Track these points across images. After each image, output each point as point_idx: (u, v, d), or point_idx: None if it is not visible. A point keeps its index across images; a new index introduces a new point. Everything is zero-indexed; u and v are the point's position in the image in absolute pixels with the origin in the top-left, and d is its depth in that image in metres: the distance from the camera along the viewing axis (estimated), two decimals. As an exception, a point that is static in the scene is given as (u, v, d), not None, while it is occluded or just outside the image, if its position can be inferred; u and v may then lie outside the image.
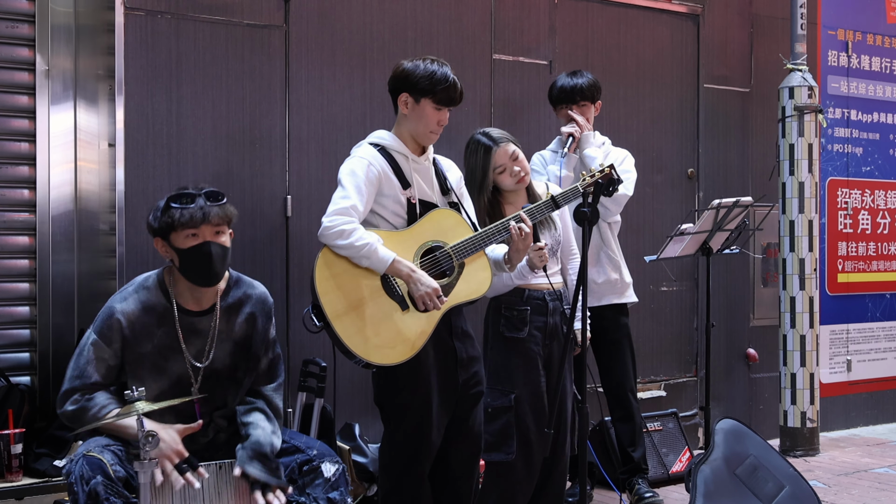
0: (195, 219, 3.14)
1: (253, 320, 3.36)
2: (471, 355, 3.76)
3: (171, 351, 3.22)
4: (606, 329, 4.81)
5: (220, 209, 3.20)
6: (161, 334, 3.21)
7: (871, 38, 6.90)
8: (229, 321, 3.32)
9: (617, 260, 4.83)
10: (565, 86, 4.79)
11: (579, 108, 4.77)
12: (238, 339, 3.33)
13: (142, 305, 3.20)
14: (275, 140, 4.71)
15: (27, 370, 4.28)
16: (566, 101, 4.78)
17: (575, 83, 4.78)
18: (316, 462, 3.23)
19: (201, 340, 3.27)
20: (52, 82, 4.27)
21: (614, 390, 4.87)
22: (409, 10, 5.09)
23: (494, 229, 3.69)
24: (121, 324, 3.16)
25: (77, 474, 2.92)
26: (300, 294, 4.67)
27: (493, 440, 3.90)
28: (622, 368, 4.84)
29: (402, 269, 3.52)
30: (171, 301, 3.24)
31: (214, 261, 3.18)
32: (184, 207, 3.14)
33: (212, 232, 3.18)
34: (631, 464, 4.85)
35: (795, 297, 6.04)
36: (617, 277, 4.81)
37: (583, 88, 4.77)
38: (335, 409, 4.47)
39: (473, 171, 4.01)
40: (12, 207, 4.25)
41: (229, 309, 3.33)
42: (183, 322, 3.24)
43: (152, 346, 3.20)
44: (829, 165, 6.67)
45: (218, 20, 4.56)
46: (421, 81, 3.62)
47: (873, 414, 6.93)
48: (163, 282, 3.27)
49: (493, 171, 3.97)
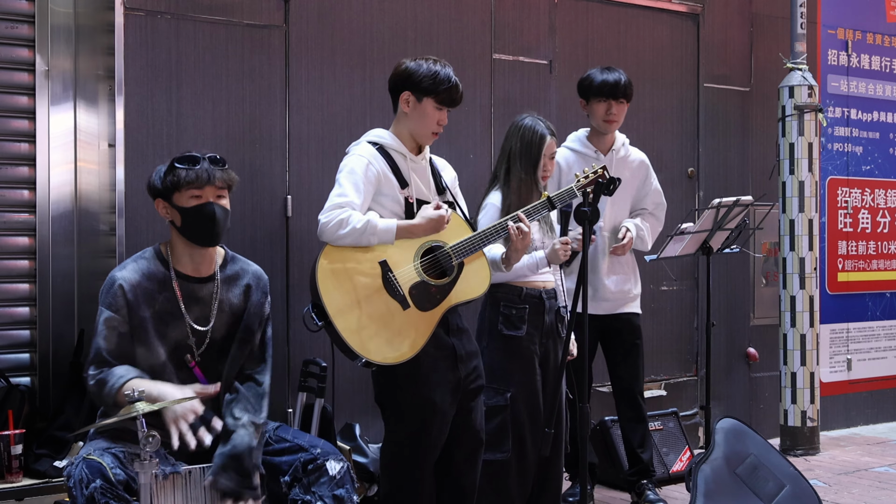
0: (200, 179, 3.21)
1: (249, 292, 3.39)
2: (469, 350, 3.77)
3: (171, 316, 3.25)
4: (620, 331, 4.80)
5: (223, 172, 3.28)
6: (162, 300, 3.25)
7: (871, 38, 6.90)
8: (229, 291, 3.35)
9: (636, 269, 4.86)
10: (608, 79, 4.67)
11: (618, 104, 4.68)
12: (235, 311, 3.35)
13: (141, 273, 3.25)
14: (275, 140, 4.71)
15: (27, 371, 4.27)
16: (608, 95, 4.65)
17: (619, 78, 4.67)
18: (321, 460, 3.23)
19: (201, 307, 3.30)
20: (52, 83, 4.26)
21: (626, 392, 4.83)
22: (408, 10, 5.09)
23: (493, 229, 3.71)
24: (123, 289, 3.20)
25: (76, 478, 2.92)
26: (301, 294, 4.67)
27: (489, 439, 3.90)
28: (635, 371, 4.82)
29: (409, 227, 3.58)
30: (170, 268, 3.27)
31: (217, 220, 3.25)
32: (189, 168, 3.22)
33: (214, 193, 3.26)
34: (640, 465, 4.83)
35: (796, 297, 6.04)
36: (632, 287, 4.81)
37: (626, 86, 4.68)
38: (335, 410, 4.48)
39: (529, 147, 4.08)
40: (12, 208, 4.24)
41: (228, 279, 3.37)
42: (184, 288, 3.28)
43: (153, 312, 3.23)
44: (829, 164, 6.67)
45: (218, 20, 4.56)
46: (424, 81, 3.63)
47: (873, 413, 6.94)
48: (160, 252, 3.32)
49: (543, 155, 4.07)
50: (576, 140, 4.84)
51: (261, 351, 3.43)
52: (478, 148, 5.26)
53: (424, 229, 3.61)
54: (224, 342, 3.33)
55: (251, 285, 3.40)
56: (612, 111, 4.67)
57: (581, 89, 4.78)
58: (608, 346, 4.84)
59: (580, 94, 4.80)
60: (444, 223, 3.63)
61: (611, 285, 4.72)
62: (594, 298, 4.61)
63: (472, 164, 5.22)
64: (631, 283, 4.81)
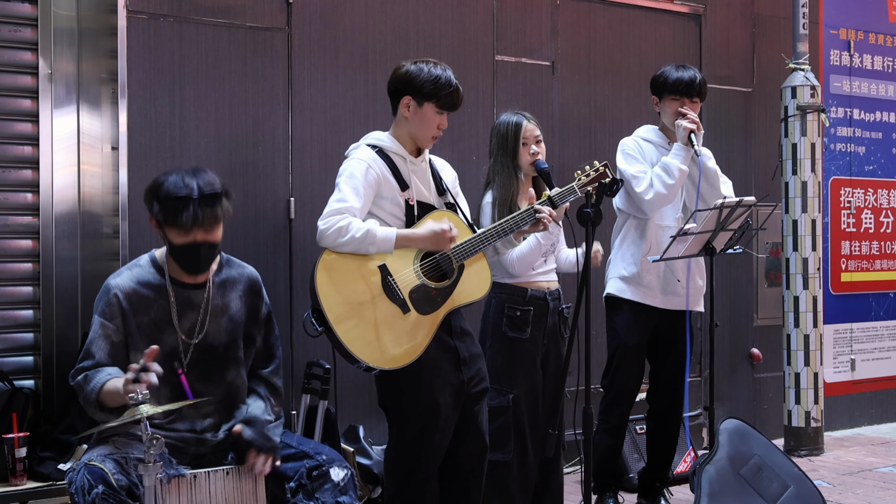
0: (186, 225, 3.12)
1: (244, 297, 3.38)
2: (472, 353, 3.76)
3: (165, 323, 3.25)
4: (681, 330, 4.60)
5: (213, 212, 3.15)
6: (157, 307, 3.24)
7: (874, 38, 6.90)
8: (224, 296, 3.34)
9: (701, 266, 4.71)
10: (683, 77, 4.56)
11: (692, 103, 4.57)
12: (233, 315, 3.34)
13: (136, 281, 3.24)
14: (278, 142, 4.71)
15: (31, 374, 4.28)
16: (683, 94, 4.55)
17: (693, 76, 4.57)
18: (325, 467, 3.23)
19: (195, 313, 3.29)
20: (55, 86, 4.27)
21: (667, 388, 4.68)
22: (411, 12, 5.10)
23: (493, 231, 3.69)
24: (118, 298, 3.19)
25: (78, 484, 2.92)
26: (304, 296, 4.66)
27: (491, 440, 3.91)
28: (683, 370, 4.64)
29: (409, 236, 3.56)
30: (165, 276, 3.26)
31: (202, 259, 3.21)
32: (177, 211, 3.10)
33: (203, 233, 3.17)
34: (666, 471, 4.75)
35: (799, 297, 6.03)
36: (702, 284, 4.69)
37: (701, 84, 4.59)
38: (339, 412, 4.48)
39: (505, 137, 4.11)
40: (16, 211, 4.25)
41: (223, 284, 3.35)
42: (179, 295, 3.26)
43: (149, 319, 3.23)
44: (831, 165, 6.67)
45: (220, 23, 4.56)
46: (425, 85, 3.60)
47: (877, 413, 6.93)
48: (155, 260, 3.31)
49: (521, 141, 4.08)
50: (649, 130, 4.71)
51: (269, 350, 3.45)
52: (480, 150, 5.26)
53: (425, 240, 3.58)
54: (224, 347, 3.33)
55: (246, 291, 3.39)
56: (686, 109, 4.56)
57: (655, 87, 4.68)
58: (662, 343, 4.64)
59: (653, 91, 4.69)
60: (447, 241, 3.59)
61: (683, 280, 4.59)
62: (664, 292, 4.55)
63: (474, 165, 5.22)
64: (700, 280, 4.68)
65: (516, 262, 4.01)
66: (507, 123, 4.14)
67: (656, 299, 4.58)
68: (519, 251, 3.99)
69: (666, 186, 4.44)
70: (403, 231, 3.57)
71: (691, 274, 4.63)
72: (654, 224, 4.57)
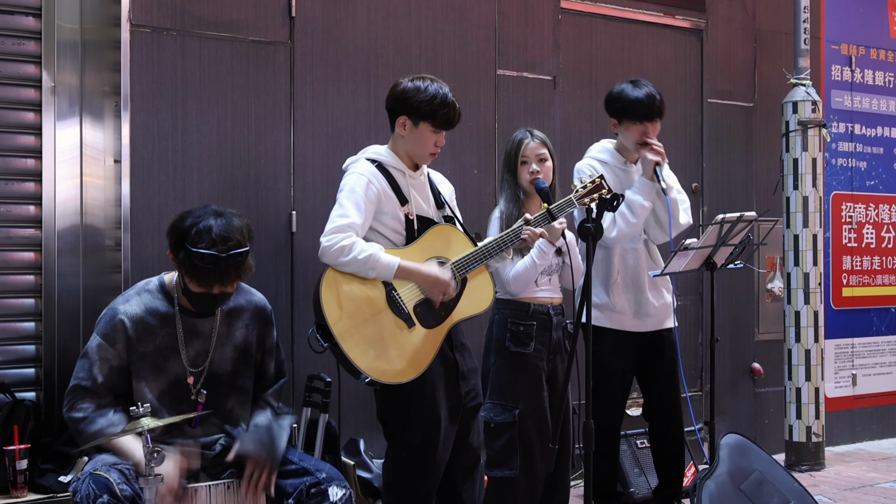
0: (207, 283, 3.13)
1: (253, 327, 3.39)
2: (470, 367, 3.78)
3: (171, 352, 3.26)
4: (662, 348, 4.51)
5: (237, 273, 3.17)
6: (163, 335, 3.25)
7: (875, 53, 6.92)
8: (230, 325, 3.35)
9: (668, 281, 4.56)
10: (642, 98, 4.27)
11: (653, 125, 4.33)
12: (239, 345, 3.35)
13: (145, 308, 3.24)
14: (280, 156, 4.72)
15: (32, 386, 4.28)
16: (644, 117, 4.28)
17: (653, 95, 4.29)
18: (324, 486, 3.23)
19: (202, 342, 3.30)
20: (58, 99, 4.28)
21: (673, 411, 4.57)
22: (413, 27, 5.11)
23: (495, 244, 3.71)
24: (125, 325, 3.20)
25: (83, 493, 2.93)
26: (305, 309, 4.67)
27: (497, 456, 3.90)
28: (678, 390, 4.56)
29: (410, 271, 3.54)
30: (174, 304, 3.27)
31: (216, 305, 3.26)
32: (203, 268, 3.09)
33: (221, 287, 3.18)
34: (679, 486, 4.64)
35: (800, 312, 6.03)
36: (671, 300, 4.55)
37: (661, 104, 4.32)
38: (340, 425, 4.47)
39: (508, 154, 4.16)
40: (18, 223, 4.26)
41: (230, 314, 3.36)
42: (186, 323, 3.27)
43: (154, 347, 3.23)
44: (832, 180, 6.67)
45: (223, 37, 4.58)
46: (422, 106, 3.60)
47: (879, 428, 6.92)
48: (164, 286, 3.30)
49: (519, 158, 4.10)
50: (604, 151, 4.50)
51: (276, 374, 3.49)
52: (481, 164, 5.28)
53: (425, 280, 3.56)
54: (230, 377, 3.34)
55: (254, 320, 3.40)
56: (648, 133, 4.32)
57: (612, 110, 4.40)
58: (648, 363, 4.53)
59: (610, 112, 4.42)
60: (441, 293, 3.57)
61: (654, 300, 4.46)
62: (637, 315, 4.42)
63: (475, 179, 5.23)
64: (668, 296, 4.55)
65: (512, 281, 4.02)
66: (512, 141, 4.17)
67: (631, 323, 4.44)
68: (515, 270, 4.00)
69: (629, 225, 4.29)
70: (406, 263, 3.54)
71: (659, 291, 4.49)
72: (619, 248, 4.42)
